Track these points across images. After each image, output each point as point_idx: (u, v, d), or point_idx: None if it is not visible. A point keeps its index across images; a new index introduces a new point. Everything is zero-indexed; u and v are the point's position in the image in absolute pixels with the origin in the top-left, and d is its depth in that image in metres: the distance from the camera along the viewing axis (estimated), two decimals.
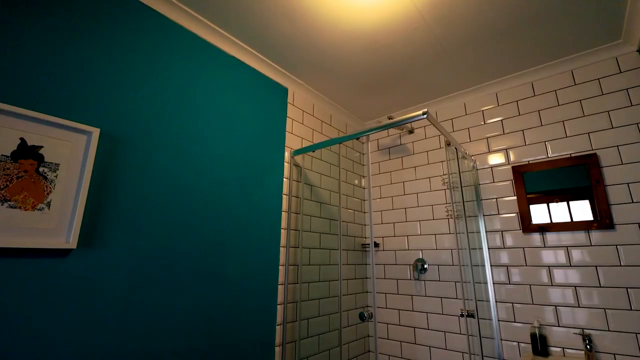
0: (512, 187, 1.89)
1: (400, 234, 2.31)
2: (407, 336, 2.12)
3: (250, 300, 1.55)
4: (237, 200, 1.59)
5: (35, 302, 0.95)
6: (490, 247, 1.90)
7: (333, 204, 2.22)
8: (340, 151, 2.05)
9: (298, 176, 1.98)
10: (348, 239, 2.33)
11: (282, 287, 1.73)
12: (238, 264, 1.53)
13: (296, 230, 1.89)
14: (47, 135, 1.03)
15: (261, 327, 1.58)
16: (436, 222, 2.16)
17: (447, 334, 1.96)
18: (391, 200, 2.42)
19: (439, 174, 2.21)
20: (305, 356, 1.77)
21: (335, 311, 2.04)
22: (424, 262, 2.14)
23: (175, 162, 1.37)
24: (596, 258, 1.59)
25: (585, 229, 1.63)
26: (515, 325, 1.73)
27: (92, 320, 1.05)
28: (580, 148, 1.73)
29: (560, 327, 1.61)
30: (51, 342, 0.96)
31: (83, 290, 1.04)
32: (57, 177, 1.03)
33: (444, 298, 2.02)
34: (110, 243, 1.12)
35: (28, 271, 0.94)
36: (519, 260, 1.78)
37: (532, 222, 1.78)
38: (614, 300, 1.51)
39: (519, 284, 1.76)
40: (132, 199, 1.21)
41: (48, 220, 0.98)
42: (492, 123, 2.06)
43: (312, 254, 1.96)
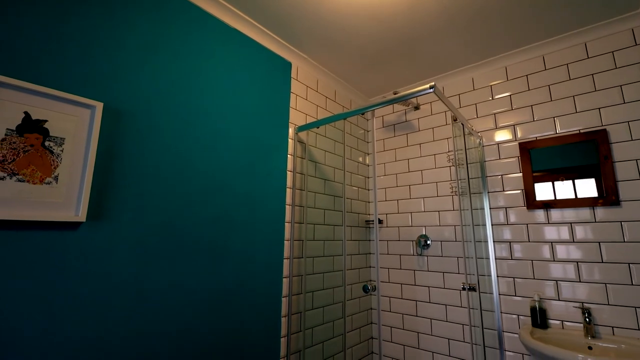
0: (518, 164, 1.88)
1: (404, 210, 2.33)
2: (409, 309, 2.17)
3: (256, 273, 1.59)
4: (242, 176, 1.59)
5: (48, 273, 0.97)
6: (493, 223, 1.91)
7: (337, 181, 2.22)
8: (344, 128, 2.04)
9: (302, 153, 1.97)
10: (352, 216, 2.35)
11: (288, 261, 1.77)
12: (244, 239, 1.56)
13: (301, 207, 1.90)
14: (51, 109, 1.03)
15: (268, 300, 1.62)
16: (440, 199, 2.16)
17: (447, 307, 2.01)
18: (395, 177, 2.41)
19: (444, 151, 2.19)
20: (310, 326, 1.83)
21: (339, 285, 2.08)
22: (427, 238, 2.17)
23: (181, 138, 1.36)
24: (599, 234, 1.59)
25: (590, 205, 1.63)
26: (515, 299, 1.77)
27: (102, 292, 1.08)
28: (590, 124, 1.70)
29: (560, 301, 1.64)
30: (62, 313, 1.00)
31: (94, 262, 1.07)
32: (63, 151, 1.03)
33: (446, 273, 2.06)
34: (118, 217, 1.14)
35: (41, 243, 0.96)
36: (522, 236, 1.80)
37: (536, 198, 1.78)
38: (615, 275, 1.52)
39: (520, 260, 1.78)
40: (138, 174, 1.21)
41: (56, 193, 1.00)
42: (500, 99, 2.01)
43: (316, 229, 1.98)
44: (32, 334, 0.93)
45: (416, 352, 2.09)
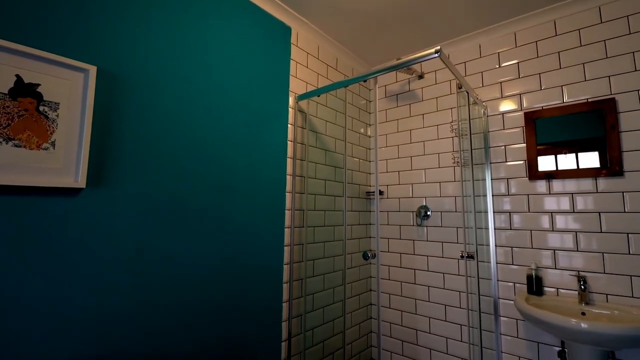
0: (522, 134, 1.85)
1: (405, 182, 2.32)
2: (407, 277, 2.22)
3: (258, 242, 1.61)
4: (242, 145, 1.57)
5: (51, 239, 0.98)
6: (494, 194, 1.90)
7: (338, 152, 2.20)
8: (346, 97, 1.99)
9: (303, 122, 1.94)
10: (353, 187, 2.35)
11: (289, 230, 1.79)
12: (245, 208, 1.56)
13: (301, 177, 1.90)
14: (43, 72, 0.99)
15: (269, 267, 1.65)
16: (442, 170, 2.15)
17: (445, 275, 2.06)
18: (397, 148, 2.39)
19: (448, 121, 2.15)
20: (312, 292, 1.88)
21: (340, 253, 2.12)
22: (427, 209, 2.18)
23: (178, 104, 1.33)
24: (600, 205, 1.59)
25: (593, 176, 1.62)
26: (512, 267, 1.80)
27: (104, 259, 1.10)
28: (599, 93, 1.65)
29: (556, 270, 1.67)
30: (64, 280, 1.02)
31: (96, 229, 1.07)
32: (59, 116, 1.01)
33: (445, 242, 2.08)
34: (118, 184, 1.13)
35: (42, 209, 0.97)
36: (522, 206, 1.80)
37: (538, 169, 1.76)
38: (613, 244, 1.54)
39: (519, 230, 1.80)
40: (137, 141, 1.20)
41: (54, 159, 0.98)
42: (507, 66, 1.95)
43: (317, 200, 1.99)
44: (33, 301, 0.96)
45: (413, 318, 2.16)
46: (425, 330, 2.11)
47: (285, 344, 1.71)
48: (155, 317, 1.21)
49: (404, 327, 2.20)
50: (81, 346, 1.03)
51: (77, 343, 1.02)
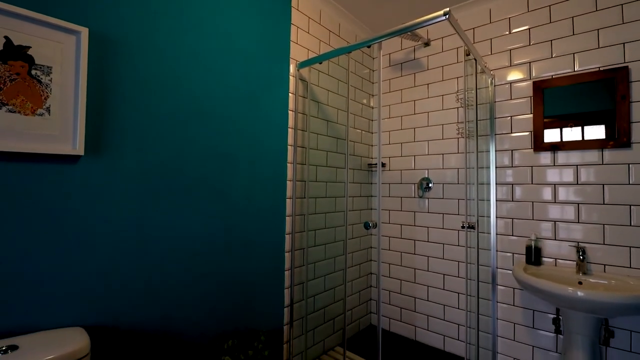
0: (529, 104, 1.80)
1: (407, 154, 2.30)
2: (407, 247, 2.26)
3: (259, 212, 1.61)
4: (242, 114, 1.54)
5: (51, 206, 0.98)
6: (497, 166, 1.89)
7: (340, 123, 2.16)
8: (349, 66, 1.92)
9: (304, 92, 1.89)
10: (354, 159, 2.33)
11: (290, 200, 1.79)
12: (246, 178, 1.55)
13: (303, 148, 1.87)
14: (33, 34, 0.95)
15: (271, 236, 1.67)
16: (445, 141, 2.12)
17: (445, 245, 2.08)
18: (400, 120, 2.34)
19: (453, 91, 2.09)
20: (313, 261, 1.92)
21: (341, 224, 2.14)
22: (429, 180, 2.17)
23: (176, 70, 1.29)
24: (605, 176, 1.58)
25: (600, 147, 1.59)
26: (512, 238, 1.82)
27: (106, 226, 1.10)
28: (611, 61, 1.59)
29: (555, 241, 1.68)
30: (65, 247, 1.03)
31: (96, 196, 1.07)
32: (52, 81, 0.98)
33: (446, 214, 2.09)
34: (118, 152, 1.12)
35: (41, 176, 0.96)
36: (525, 178, 1.79)
37: (544, 140, 1.73)
38: (614, 216, 1.54)
39: (521, 201, 1.79)
40: (135, 108, 1.17)
41: (51, 126, 0.96)
42: (518, 33, 1.86)
43: (318, 171, 1.98)
44: (34, 268, 0.97)
45: (412, 286, 2.22)
46: (424, 298, 2.17)
47: (287, 309, 1.76)
48: (159, 284, 1.24)
49: (403, 295, 2.26)
50: (85, 313, 1.05)
51: (80, 309, 1.05)
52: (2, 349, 0.81)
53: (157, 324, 1.23)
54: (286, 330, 1.76)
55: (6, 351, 0.81)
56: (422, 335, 2.17)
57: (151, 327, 1.21)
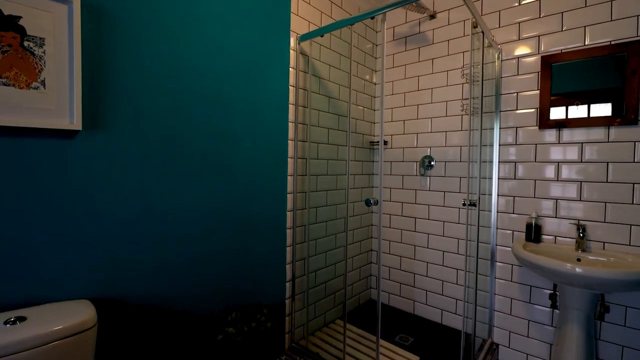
0: (536, 80, 1.75)
1: (410, 131, 2.27)
2: (408, 225, 2.27)
3: (261, 188, 1.61)
4: (242, 89, 1.50)
5: (51, 181, 0.98)
6: (501, 143, 1.86)
7: (342, 100, 2.12)
8: (351, 40, 1.85)
9: (305, 67, 1.84)
10: (356, 136, 2.30)
11: (291, 178, 1.78)
12: (247, 154, 1.54)
13: (304, 124, 1.85)
14: (23, 3, 0.91)
15: (273, 212, 1.68)
16: (449, 119, 2.08)
17: (445, 223, 2.10)
18: (403, 96, 2.30)
19: (459, 67, 2.04)
20: (314, 238, 1.94)
21: (341, 202, 2.14)
22: (432, 158, 2.15)
23: (174, 42, 1.25)
24: (609, 154, 1.56)
25: (606, 124, 1.56)
26: (512, 216, 1.82)
27: (106, 202, 1.10)
28: (624, 35, 1.53)
29: (556, 218, 1.69)
30: (64, 222, 1.03)
31: (96, 171, 1.07)
32: (46, 53, 0.95)
33: (447, 192, 2.09)
34: (116, 127, 1.10)
35: (39, 151, 0.95)
36: (529, 156, 1.77)
37: (550, 117, 1.70)
38: (617, 194, 1.53)
39: (523, 179, 1.79)
40: (132, 81, 1.14)
41: (47, 100, 0.94)
42: (527, 4, 1.79)
43: (320, 148, 1.96)
44: (38, 242, 0.98)
45: (412, 263, 2.25)
46: (423, 274, 2.20)
47: (289, 284, 1.80)
48: (163, 259, 1.25)
49: (403, 271, 2.30)
50: (91, 286, 1.07)
51: (86, 283, 1.07)
52: (11, 320, 0.83)
53: (162, 298, 1.26)
54: (288, 304, 1.80)
55: (15, 322, 0.83)
56: (421, 309, 2.23)
57: (156, 301, 1.24)
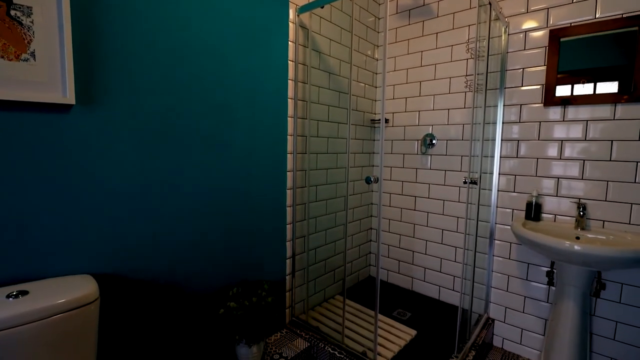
0: (543, 55, 1.70)
1: (411, 109, 2.23)
2: (407, 204, 2.28)
3: (260, 167, 1.60)
4: (240, 64, 1.46)
5: (46, 157, 0.96)
6: (504, 121, 1.83)
7: (343, 76, 2.07)
8: (353, 12, 1.78)
9: (305, 40, 1.78)
10: (357, 114, 2.26)
11: (291, 156, 1.77)
12: (246, 132, 1.52)
13: (304, 101, 1.81)
14: None
15: (273, 191, 1.67)
16: (452, 96, 2.04)
17: (445, 202, 2.10)
18: (406, 73, 2.24)
19: (464, 41, 1.97)
20: (314, 216, 1.94)
21: (342, 180, 2.14)
22: (433, 137, 2.12)
23: (169, 15, 1.20)
24: (615, 132, 1.53)
25: (613, 102, 1.53)
26: (512, 194, 1.82)
27: (103, 178, 1.09)
28: (637, 7, 1.47)
29: (557, 197, 1.68)
30: (60, 198, 1.02)
31: (92, 147, 1.05)
32: (34, 23, 0.91)
33: (448, 171, 2.08)
34: (111, 101, 1.08)
35: (33, 126, 0.93)
36: (532, 134, 1.74)
37: (556, 94, 1.66)
38: (619, 173, 1.52)
39: (525, 158, 1.77)
40: (126, 54, 1.10)
41: (37, 72, 0.91)
42: None
43: (320, 126, 1.93)
44: (31, 219, 0.97)
45: (411, 241, 2.27)
46: (422, 251, 2.23)
47: (289, 261, 1.82)
48: (164, 236, 1.26)
49: (402, 249, 2.33)
50: (92, 261, 1.08)
51: (88, 258, 1.07)
52: (13, 294, 0.84)
53: (163, 274, 1.27)
54: (288, 280, 1.83)
55: (17, 296, 0.84)
56: (419, 285, 2.27)
57: (157, 277, 1.25)
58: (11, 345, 0.78)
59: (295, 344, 1.65)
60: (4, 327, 0.77)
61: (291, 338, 1.71)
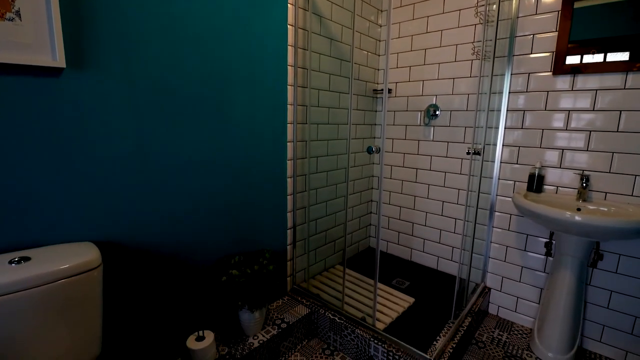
0: (555, 20, 1.62)
1: (415, 78, 2.16)
2: (409, 176, 2.26)
3: (260, 137, 1.57)
4: (237, 27, 1.39)
5: (40, 122, 0.94)
6: (511, 91, 1.78)
7: (345, 42, 1.99)
8: None
9: (305, 3, 1.70)
10: (359, 84, 2.20)
11: (291, 126, 1.73)
12: (245, 100, 1.48)
13: (304, 69, 1.75)
14: None
15: (273, 162, 1.65)
16: (457, 64, 1.97)
17: (447, 174, 2.08)
18: (410, 40, 2.15)
19: (473, 5, 1.87)
20: (315, 187, 1.94)
21: (343, 152, 2.11)
22: (437, 108, 2.08)
23: None
24: (624, 102, 1.48)
25: (625, 70, 1.47)
26: (515, 166, 1.80)
27: (99, 146, 1.07)
28: None
29: (560, 169, 1.66)
30: (53, 165, 1.01)
31: (85, 112, 1.02)
32: None
33: (451, 142, 2.05)
34: (103, 65, 1.03)
35: (23, 90, 0.89)
36: (539, 104, 1.70)
37: (566, 62, 1.60)
38: (626, 144, 1.49)
39: (531, 129, 1.73)
40: (118, 15, 1.04)
41: (24, 33, 0.87)
42: None
43: (321, 95, 1.88)
44: (29, 186, 0.96)
45: (411, 212, 2.28)
46: (422, 223, 2.24)
47: (290, 231, 1.83)
48: (164, 204, 1.25)
49: (402, 220, 2.34)
50: (92, 229, 1.08)
51: (88, 226, 1.07)
52: (15, 260, 0.85)
53: (166, 244, 1.28)
54: (289, 249, 1.85)
55: (19, 261, 0.85)
56: (417, 256, 2.30)
57: (160, 247, 1.26)
58: (15, 310, 0.80)
59: (297, 310, 1.70)
60: (6, 292, 0.78)
61: (292, 305, 1.75)
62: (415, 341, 1.45)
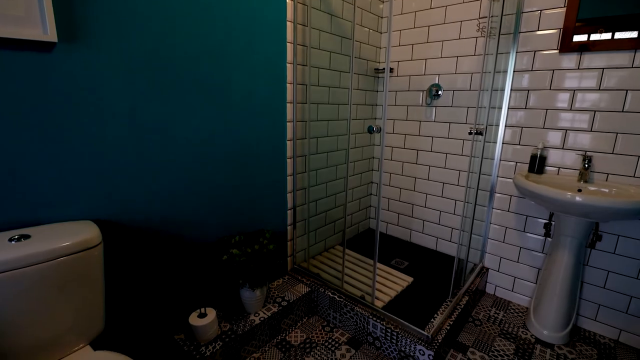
0: None
1: (418, 57, 2.11)
2: (409, 157, 2.25)
3: (259, 117, 1.55)
4: (232, 7, 1.35)
5: (33, 98, 0.92)
6: (516, 70, 1.73)
7: (346, 19, 1.93)
8: None
9: None
10: (360, 62, 2.15)
11: (291, 105, 1.70)
12: (243, 78, 1.44)
13: (304, 46, 1.70)
14: None
15: (273, 143, 1.64)
16: (462, 42, 1.92)
17: (448, 155, 2.07)
18: (414, 16, 2.08)
19: None
20: (315, 168, 1.93)
21: (343, 133, 2.09)
22: (440, 87, 2.04)
23: None
24: (631, 82, 1.45)
25: (633, 47, 1.43)
26: (517, 147, 1.78)
27: (93, 122, 1.06)
28: None
29: (562, 150, 1.65)
30: (47, 143, 0.99)
31: (78, 89, 1.00)
32: None
33: (452, 123, 2.02)
34: (96, 40, 1.00)
35: (14, 65, 0.87)
36: (544, 83, 1.66)
37: (573, 39, 1.55)
38: (630, 125, 1.47)
39: (534, 109, 1.70)
40: None
41: (13, 4, 0.83)
42: None
43: (321, 74, 1.84)
44: (25, 164, 0.95)
45: (411, 194, 2.28)
46: (421, 205, 2.25)
47: (290, 212, 1.84)
48: (160, 185, 1.25)
49: (402, 202, 2.34)
50: (92, 208, 1.08)
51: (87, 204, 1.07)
52: (15, 238, 0.85)
53: (167, 223, 1.28)
54: (290, 230, 1.86)
55: (19, 239, 0.85)
56: (417, 237, 2.32)
57: (160, 226, 1.27)
58: (17, 287, 0.80)
59: (297, 289, 1.72)
60: (6, 269, 0.78)
61: (293, 284, 1.78)
62: (413, 318, 1.47)
